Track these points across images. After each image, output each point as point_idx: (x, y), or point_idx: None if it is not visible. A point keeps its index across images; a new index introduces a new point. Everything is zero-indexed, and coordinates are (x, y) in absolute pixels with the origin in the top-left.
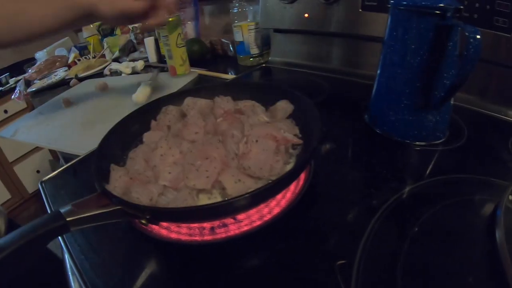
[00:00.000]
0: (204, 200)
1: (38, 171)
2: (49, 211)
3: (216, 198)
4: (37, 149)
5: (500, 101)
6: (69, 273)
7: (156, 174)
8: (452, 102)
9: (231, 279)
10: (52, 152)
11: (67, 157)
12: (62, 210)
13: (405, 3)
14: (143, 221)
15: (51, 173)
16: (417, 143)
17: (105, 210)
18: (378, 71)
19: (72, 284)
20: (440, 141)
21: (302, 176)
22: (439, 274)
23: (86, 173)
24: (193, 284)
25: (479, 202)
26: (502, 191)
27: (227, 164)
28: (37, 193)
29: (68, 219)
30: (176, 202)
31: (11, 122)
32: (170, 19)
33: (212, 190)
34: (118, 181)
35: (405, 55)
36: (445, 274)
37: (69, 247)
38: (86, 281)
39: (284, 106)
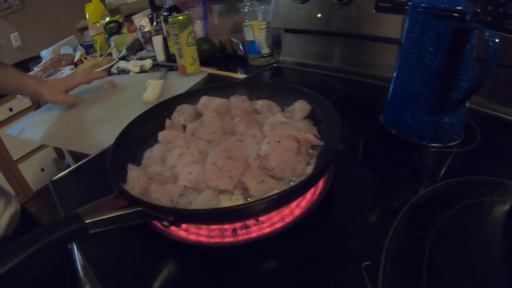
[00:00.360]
0: (225, 201)
1: (42, 169)
2: (60, 212)
3: (238, 199)
4: (41, 147)
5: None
6: (81, 274)
7: (175, 174)
8: (467, 104)
9: (253, 281)
10: (57, 150)
11: (76, 156)
12: (79, 212)
13: (423, 5)
14: (165, 223)
15: (56, 171)
16: (433, 144)
17: (125, 212)
18: (395, 73)
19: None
20: (455, 143)
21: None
22: (461, 273)
23: (96, 173)
24: (210, 287)
25: (495, 203)
26: None
27: (249, 164)
28: (41, 191)
29: (86, 221)
30: (200, 203)
31: (16, 120)
32: (181, 18)
33: (234, 190)
34: (136, 181)
35: (423, 57)
36: (467, 274)
37: (82, 248)
38: (101, 283)
39: (302, 106)
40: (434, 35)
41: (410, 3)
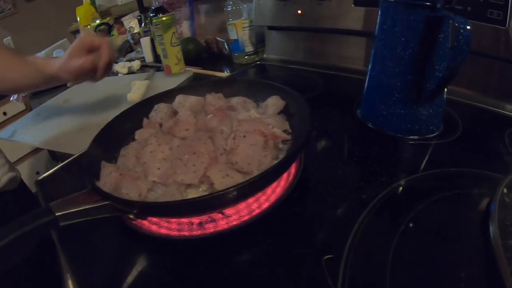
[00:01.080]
0: (192, 195)
1: (37, 173)
2: None
3: (204, 193)
4: (36, 151)
5: (496, 95)
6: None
7: (145, 170)
8: (445, 95)
9: (220, 273)
10: (52, 154)
11: (64, 157)
12: (51, 205)
13: None
14: (131, 216)
15: None
16: (410, 137)
17: (94, 205)
18: (370, 66)
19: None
20: (434, 134)
21: (292, 171)
22: (430, 268)
23: (80, 172)
24: (183, 278)
25: (474, 196)
26: (497, 185)
27: (216, 159)
28: (36, 194)
29: (57, 213)
30: (164, 197)
31: (10, 124)
32: (164, 18)
33: (200, 185)
34: (109, 177)
35: (395, 48)
36: (436, 269)
37: (61, 242)
38: (77, 275)
39: (274, 102)
40: (406, 25)
41: None
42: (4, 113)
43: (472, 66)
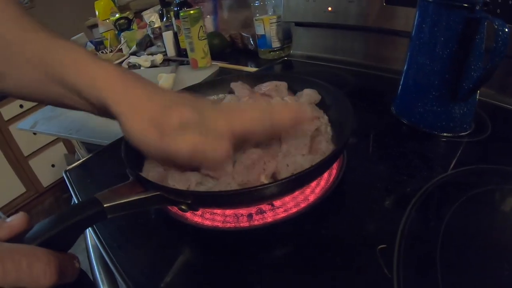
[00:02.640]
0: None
1: (53, 165)
2: (76, 201)
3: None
4: (52, 143)
5: None
6: (94, 262)
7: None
8: (477, 95)
9: (268, 266)
10: (67, 146)
11: (90, 148)
12: (97, 196)
13: None
14: (183, 207)
15: (66, 167)
16: (444, 134)
17: (143, 196)
18: (406, 63)
19: (97, 274)
20: (466, 133)
21: (335, 165)
22: (473, 260)
23: (111, 162)
24: (227, 271)
25: (508, 191)
26: None
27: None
28: (52, 187)
29: (105, 205)
30: (219, 187)
31: (27, 116)
32: (192, 12)
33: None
34: (154, 168)
35: (434, 47)
36: (478, 261)
37: (100, 235)
38: (120, 270)
39: (310, 93)
40: (445, 25)
41: None
42: (21, 106)
43: (502, 68)
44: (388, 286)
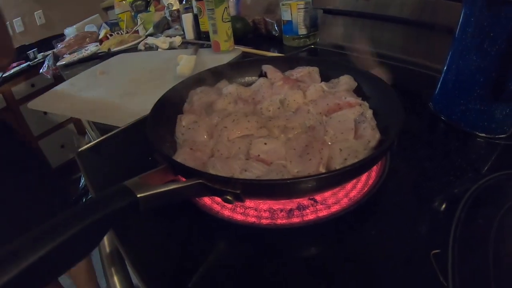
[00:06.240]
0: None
1: (62, 146)
2: (85, 183)
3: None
4: (62, 124)
5: None
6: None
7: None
8: None
9: (315, 264)
10: (78, 127)
11: (103, 128)
12: (128, 184)
13: None
14: (229, 197)
15: (76, 148)
16: (483, 134)
17: (182, 185)
18: (448, 58)
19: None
20: (505, 135)
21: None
22: None
23: (125, 146)
24: (262, 267)
25: None
26: None
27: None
28: (60, 168)
29: (138, 195)
30: (270, 175)
31: (37, 96)
32: None
33: None
34: (189, 154)
35: (482, 42)
36: None
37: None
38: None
39: (347, 80)
40: (495, 20)
41: None
42: (32, 85)
43: None
44: None
